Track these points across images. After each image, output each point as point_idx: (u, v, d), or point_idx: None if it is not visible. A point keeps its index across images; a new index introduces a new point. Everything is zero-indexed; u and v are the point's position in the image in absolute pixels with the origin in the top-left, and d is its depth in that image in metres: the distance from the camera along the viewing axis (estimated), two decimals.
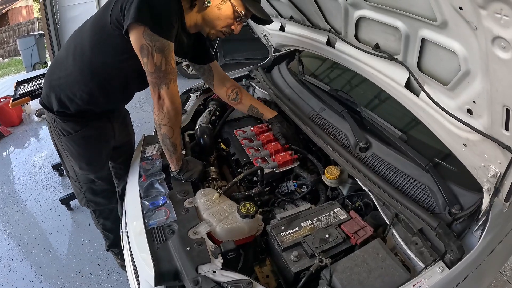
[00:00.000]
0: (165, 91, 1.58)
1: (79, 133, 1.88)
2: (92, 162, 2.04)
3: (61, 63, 1.80)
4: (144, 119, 5.18)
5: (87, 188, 2.18)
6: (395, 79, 1.60)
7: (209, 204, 1.58)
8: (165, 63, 1.54)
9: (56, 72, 1.81)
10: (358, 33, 1.73)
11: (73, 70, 1.74)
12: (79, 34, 1.76)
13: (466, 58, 1.11)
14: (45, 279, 2.71)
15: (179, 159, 1.77)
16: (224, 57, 6.60)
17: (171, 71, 1.58)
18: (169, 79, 1.58)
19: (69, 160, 2.03)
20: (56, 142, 2.00)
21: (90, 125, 1.91)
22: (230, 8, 1.67)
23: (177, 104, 1.64)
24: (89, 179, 2.13)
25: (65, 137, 1.89)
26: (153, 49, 1.50)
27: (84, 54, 1.70)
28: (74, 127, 1.87)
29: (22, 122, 5.54)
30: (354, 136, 1.82)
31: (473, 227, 1.38)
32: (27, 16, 16.93)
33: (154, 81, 1.57)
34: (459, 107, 1.25)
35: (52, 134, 1.98)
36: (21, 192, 3.79)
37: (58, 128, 1.88)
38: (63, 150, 2.00)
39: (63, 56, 1.80)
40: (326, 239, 1.44)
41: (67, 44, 1.81)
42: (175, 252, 1.37)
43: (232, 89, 2.16)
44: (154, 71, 1.55)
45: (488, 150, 1.21)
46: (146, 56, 1.52)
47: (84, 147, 1.95)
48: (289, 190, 1.86)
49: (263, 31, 2.83)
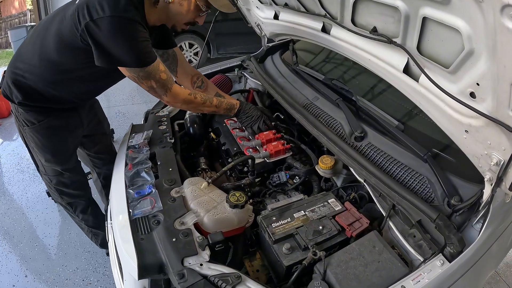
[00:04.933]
0: (167, 99, 1.74)
1: (43, 123, 1.82)
2: (57, 153, 1.98)
3: (26, 58, 1.74)
4: (134, 111, 5.11)
5: (57, 181, 2.10)
6: (393, 64, 1.53)
7: (197, 194, 1.51)
8: (155, 82, 1.65)
9: (20, 65, 1.74)
10: (355, 17, 1.66)
11: (39, 66, 1.70)
12: (44, 33, 1.69)
13: (471, 36, 1.04)
14: (30, 273, 2.64)
15: (226, 109, 1.97)
16: (217, 51, 6.57)
17: (165, 83, 1.68)
18: (165, 90, 1.69)
19: (35, 152, 1.97)
20: (22, 134, 1.93)
21: (54, 115, 1.85)
22: (192, 3, 1.68)
23: (182, 99, 1.78)
24: (57, 172, 2.06)
25: (29, 127, 1.83)
26: (139, 77, 1.62)
27: (50, 54, 1.66)
28: (37, 117, 1.81)
29: (11, 114, 5.43)
30: (349, 125, 1.76)
31: (472, 220, 1.32)
32: (19, 8, 16.69)
33: (153, 95, 1.73)
34: (461, 91, 1.19)
35: (18, 127, 1.91)
36: (8, 184, 3.71)
37: (21, 119, 1.82)
38: (28, 142, 1.95)
39: (28, 50, 1.74)
40: (320, 231, 1.38)
41: (32, 39, 1.75)
42: (160, 244, 1.31)
43: (197, 77, 2.18)
44: (149, 90, 1.69)
45: (492, 136, 1.14)
46: (137, 82, 1.65)
47: (49, 138, 1.89)
48: (281, 181, 1.81)
49: (257, 20, 2.76)
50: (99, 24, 1.44)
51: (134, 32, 1.50)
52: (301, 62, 2.56)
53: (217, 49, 6.56)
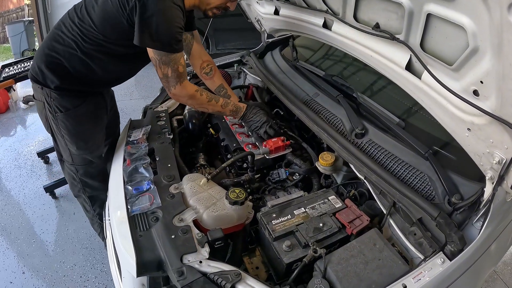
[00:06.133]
0: (174, 91, 1.74)
1: (78, 109, 1.83)
2: (91, 139, 1.98)
3: (64, 40, 1.72)
4: (132, 107, 5.07)
5: (84, 171, 2.08)
6: (395, 61, 1.52)
7: (196, 190, 1.49)
8: (172, 71, 1.67)
9: (58, 47, 1.72)
10: (357, 13, 1.64)
11: (80, 47, 1.71)
12: (85, 14, 1.69)
13: (475, 33, 1.03)
14: (28, 270, 2.62)
15: (231, 111, 1.95)
16: (216, 46, 6.53)
17: (178, 76, 1.69)
18: (176, 82, 1.70)
19: (65, 141, 1.94)
20: (51, 122, 1.89)
21: (88, 100, 1.86)
22: None
23: (189, 94, 1.78)
24: (86, 161, 2.04)
25: (63, 113, 1.82)
26: (160, 62, 1.63)
27: (93, 34, 1.68)
28: (73, 102, 1.81)
29: (9, 109, 5.40)
30: (350, 121, 1.74)
31: (473, 218, 1.32)
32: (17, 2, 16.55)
33: (164, 84, 1.75)
34: (464, 89, 1.17)
35: (46, 114, 1.88)
36: (5, 180, 3.67)
37: (54, 105, 1.80)
38: (58, 130, 1.91)
39: (66, 33, 1.72)
40: (321, 228, 1.37)
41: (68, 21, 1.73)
42: (159, 241, 1.29)
43: (207, 63, 2.18)
44: (162, 77, 1.70)
45: (494, 135, 1.13)
46: (155, 65, 1.66)
47: (83, 124, 1.89)
48: (281, 178, 1.80)
49: (257, 16, 2.74)
50: (148, 2, 1.49)
51: (175, 17, 1.56)
52: (301, 58, 2.54)
53: (216, 44, 6.50)
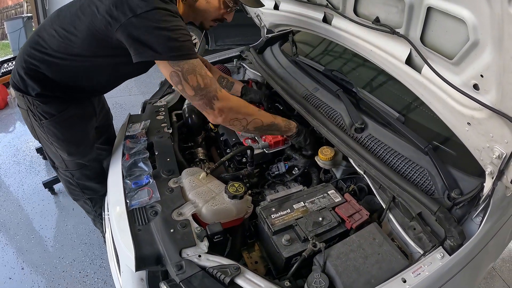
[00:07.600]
0: (219, 104, 1.51)
1: (64, 113, 1.72)
2: (81, 144, 1.89)
3: (44, 47, 1.60)
4: (132, 103, 5.06)
5: (80, 175, 2.01)
6: (395, 55, 1.51)
7: (195, 184, 1.49)
8: (201, 79, 1.45)
9: (36, 55, 1.60)
10: (357, 7, 1.64)
11: (61, 57, 1.59)
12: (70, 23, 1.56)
13: (476, 26, 1.02)
14: (27, 266, 2.62)
15: (286, 130, 1.74)
16: (215, 42, 6.52)
17: (212, 81, 1.49)
18: (214, 90, 1.49)
19: (55, 148, 1.85)
20: (37, 130, 1.80)
21: (73, 104, 1.76)
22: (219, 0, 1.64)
23: (235, 108, 1.56)
24: (80, 165, 1.97)
25: (48, 120, 1.72)
26: (183, 73, 1.42)
27: (75, 46, 1.55)
28: (57, 108, 1.70)
29: (8, 105, 5.38)
30: (349, 116, 1.74)
31: (472, 213, 1.32)
32: None
33: (202, 103, 1.50)
34: (464, 83, 1.17)
35: (31, 122, 1.78)
36: (4, 176, 3.66)
37: (38, 112, 1.70)
38: (46, 138, 1.81)
39: (47, 40, 1.60)
40: (320, 222, 1.37)
41: (53, 27, 1.60)
42: (158, 235, 1.29)
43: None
44: (195, 94, 1.47)
45: (495, 129, 1.13)
46: (179, 82, 1.44)
47: (71, 129, 1.80)
48: (280, 172, 1.80)
49: (256, 11, 2.73)
50: (145, 17, 1.35)
51: (178, 24, 1.43)
52: (301, 53, 2.53)
53: (215, 40, 6.50)
